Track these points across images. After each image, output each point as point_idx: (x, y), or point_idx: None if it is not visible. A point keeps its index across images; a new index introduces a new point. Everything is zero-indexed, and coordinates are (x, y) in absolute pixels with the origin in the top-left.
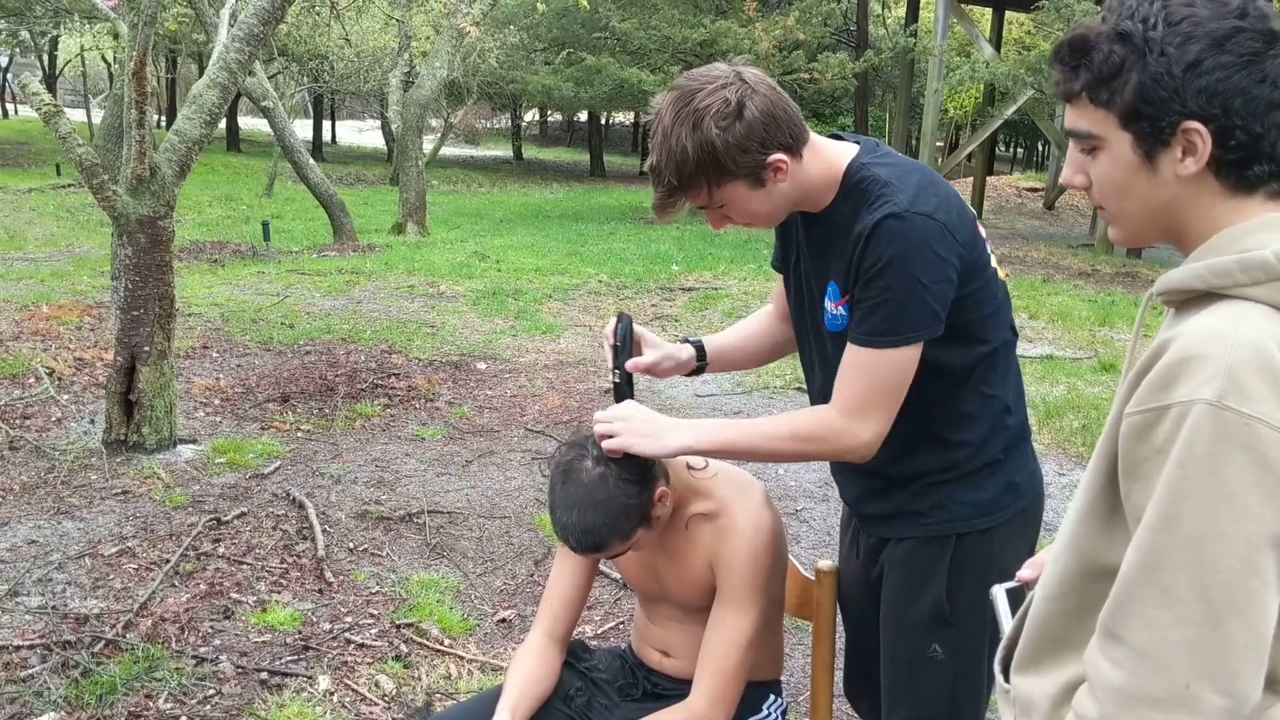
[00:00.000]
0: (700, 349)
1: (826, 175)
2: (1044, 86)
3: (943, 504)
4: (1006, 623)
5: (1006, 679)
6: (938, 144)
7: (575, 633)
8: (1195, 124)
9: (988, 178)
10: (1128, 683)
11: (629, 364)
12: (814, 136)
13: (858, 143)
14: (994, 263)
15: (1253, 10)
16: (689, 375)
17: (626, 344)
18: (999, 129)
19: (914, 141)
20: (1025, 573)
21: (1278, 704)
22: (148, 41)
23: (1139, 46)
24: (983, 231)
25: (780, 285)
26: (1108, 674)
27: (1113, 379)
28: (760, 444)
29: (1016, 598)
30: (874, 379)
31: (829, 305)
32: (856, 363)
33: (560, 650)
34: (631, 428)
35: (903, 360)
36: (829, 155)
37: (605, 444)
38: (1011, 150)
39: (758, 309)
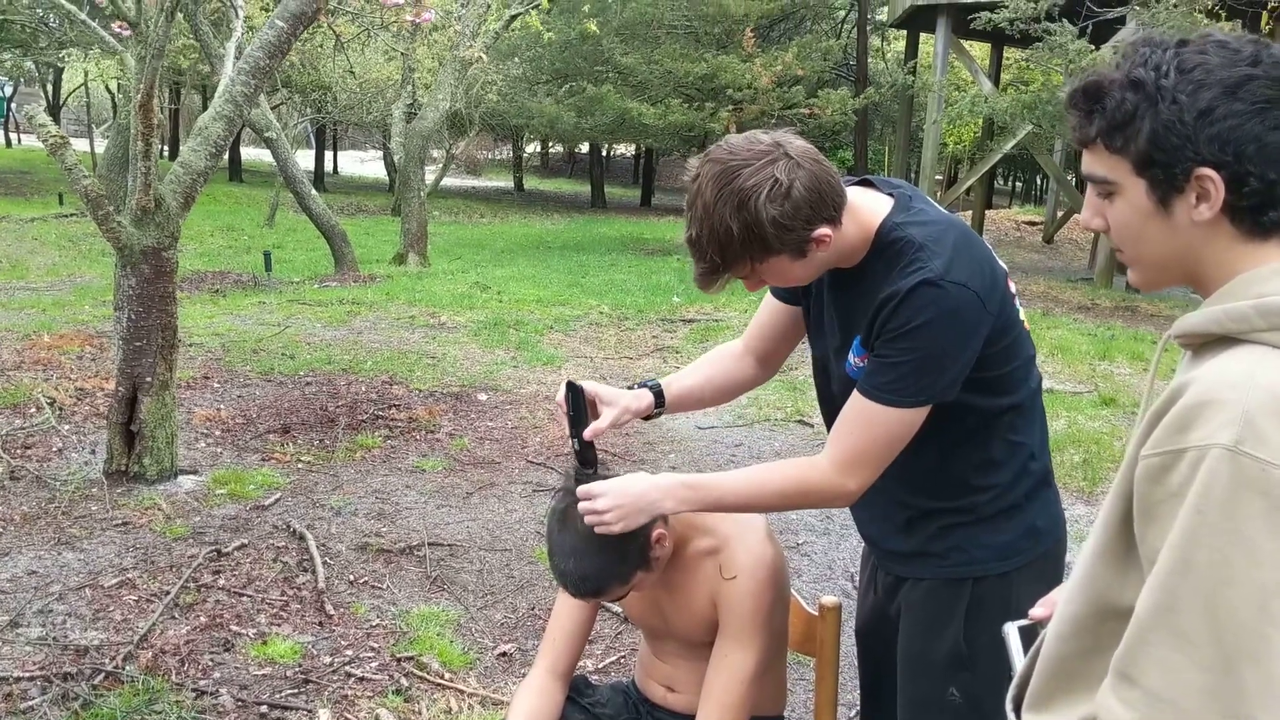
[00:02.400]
0: (659, 394)
1: (860, 234)
2: (1042, 122)
3: (960, 546)
4: (1019, 661)
5: (1018, 718)
6: (937, 178)
7: (577, 668)
8: (1208, 171)
9: (986, 211)
10: None
11: (587, 431)
12: (849, 194)
13: (892, 193)
14: (1022, 315)
15: (1266, 58)
16: (645, 420)
17: (581, 412)
18: (998, 163)
19: (913, 175)
20: (1038, 611)
21: None
22: (155, 74)
23: (1151, 94)
24: (1013, 287)
25: (759, 318)
26: (1120, 716)
27: (1113, 413)
28: (748, 503)
29: (1029, 636)
30: (874, 435)
31: (853, 359)
32: (859, 415)
33: (563, 686)
34: (621, 514)
35: (906, 420)
36: (862, 214)
37: (597, 530)
38: (1010, 184)
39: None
